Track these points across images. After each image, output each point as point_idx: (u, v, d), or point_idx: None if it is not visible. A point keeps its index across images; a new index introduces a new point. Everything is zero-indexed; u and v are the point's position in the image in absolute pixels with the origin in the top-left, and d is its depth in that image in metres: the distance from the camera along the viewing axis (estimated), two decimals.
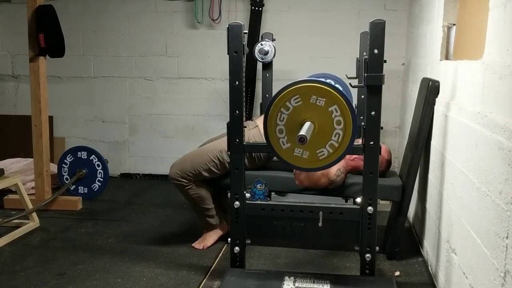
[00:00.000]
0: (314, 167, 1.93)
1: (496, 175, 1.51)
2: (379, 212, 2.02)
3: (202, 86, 4.31)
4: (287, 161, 1.90)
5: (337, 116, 1.82)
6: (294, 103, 1.83)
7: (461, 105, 2.02)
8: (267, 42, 3.24)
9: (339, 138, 1.85)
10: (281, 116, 1.85)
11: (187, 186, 2.74)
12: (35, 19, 3.32)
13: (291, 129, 1.85)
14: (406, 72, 3.88)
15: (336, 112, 1.82)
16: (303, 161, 1.90)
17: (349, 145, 1.85)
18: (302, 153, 1.88)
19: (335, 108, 1.82)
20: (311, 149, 1.86)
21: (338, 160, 1.90)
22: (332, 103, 1.81)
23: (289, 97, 1.83)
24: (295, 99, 1.83)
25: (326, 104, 1.82)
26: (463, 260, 1.88)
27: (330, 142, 1.85)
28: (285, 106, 1.84)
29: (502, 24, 1.52)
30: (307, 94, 1.82)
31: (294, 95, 1.83)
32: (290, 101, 1.83)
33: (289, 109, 1.84)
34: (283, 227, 2.12)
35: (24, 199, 3.19)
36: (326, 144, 1.86)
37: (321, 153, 1.87)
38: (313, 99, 1.82)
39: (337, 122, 1.83)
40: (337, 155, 1.87)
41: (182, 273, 2.53)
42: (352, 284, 1.94)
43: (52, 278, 2.47)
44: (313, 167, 1.93)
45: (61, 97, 4.45)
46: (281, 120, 1.85)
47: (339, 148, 1.86)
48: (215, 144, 2.78)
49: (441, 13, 2.56)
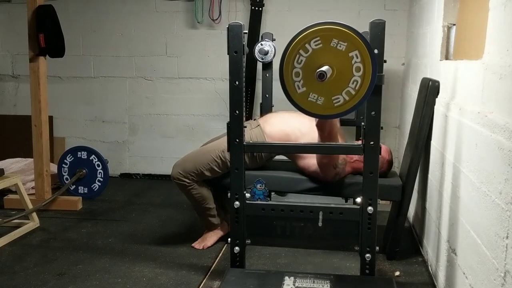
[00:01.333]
0: (328, 114, 1.84)
1: (496, 175, 1.51)
2: (379, 212, 2.02)
3: (202, 86, 4.31)
4: (300, 106, 1.81)
5: (357, 62, 1.74)
6: (314, 45, 1.73)
7: (461, 105, 2.02)
8: (267, 42, 3.25)
9: (356, 86, 1.76)
10: (299, 58, 1.75)
11: (190, 185, 2.74)
12: (35, 19, 3.32)
13: (308, 73, 1.76)
14: (406, 72, 3.88)
15: (356, 58, 1.73)
16: (317, 107, 1.80)
17: (366, 93, 1.76)
18: (317, 98, 1.79)
19: (356, 54, 1.72)
20: (327, 95, 1.78)
21: (353, 109, 1.81)
22: (354, 48, 1.72)
23: (309, 39, 1.73)
24: (315, 41, 1.73)
25: (347, 49, 1.72)
26: (463, 260, 1.89)
27: (347, 89, 1.76)
28: (304, 48, 1.74)
29: (502, 24, 1.52)
30: (328, 37, 1.72)
31: (315, 37, 1.73)
32: (310, 43, 1.73)
33: (308, 52, 1.74)
34: (283, 227, 2.12)
35: (24, 199, 3.19)
36: (342, 91, 1.77)
37: (336, 100, 1.78)
38: (334, 43, 1.72)
39: (357, 68, 1.74)
40: (353, 103, 1.78)
41: (182, 273, 2.53)
42: (352, 284, 1.94)
43: (52, 278, 2.47)
44: (326, 114, 1.84)
45: (61, 97, 4.45)
46: (298, 62, 1.76)
47: (355, 96, 1.77)
48: (217, 143, 2.78)
49: (441, 13, 2.56)
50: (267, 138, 2.71)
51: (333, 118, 2.02)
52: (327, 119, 2.07)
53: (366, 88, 1.76)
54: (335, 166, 2.49)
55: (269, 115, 3.02)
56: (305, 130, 2.64)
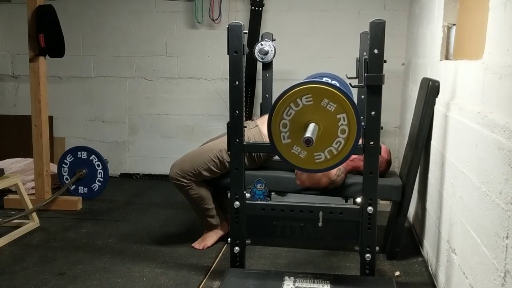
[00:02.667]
0: (308, 168, 1.94)
1: (496, 175, 1.51)
2: (379, 212, 2.02)
3: (202, 86, 4.31)
4: (283, 156, 1.90)
5: (343, 125, 1.83)
6: (305, 101, 1.83)
7: (461, 105, 2.02)
8: (267, 42, 3.25)
9: (339, 146, 1.85)
10: (288, 111, 1.84)
11: (188, 186, 2.74)
12: (35, 19, 3.32)
13: (295, 126, 1.85)
14: (406, 72, 3.88)
15: (343, 120, 1.83)
16: (299, 160, 1.90)
17: (347, 155, 1.86)
18: (300, 152, 1.88)
19: (344, 116, 1.82)
20: (310, 150, 1.87)
21: (332, 168, 1.91)
22: (342, 111, 1.82)
23: (301, 94, 1.82)
24: (307, 97, 1.82)
25: (336, 111, 1.82)
26: (463, 260, 1.88)
27: (330, 148, 1.86)
28: (295, 102, 1.83)
29: (502, 24, 1.52)
30: (320, 96, 1.82)
31: (307, 93, 1.82)
32: (301, 98, 1.82)
33: (298, 106, 1.83)
34: (283, 227, 2.12)
35: (24, 199, 3.19)
36: (325, 149, 1.86)
37: (318, 157, 1.88)
38: (325, 103, 1.82)
39: (342, 130, 1.84)
40: (333, 162, 1.88)
41: (182, 273, 2.53)
42: (352, 284, 1.94)
43: (52, 278, 2.47)
44: (307, 168, 1.94)
45: (61, 97, 4.45)
46: (288, 115, 1.85)
47: (336, 156, 1.87)
48: (215, 143, 2.78)
49: (441, 13, 2.56)
50: (265, 138, 2.71)
51: (312, 172, 2.09)
52: (308, 172, 2.13)
53: (348, 151, 1.86)
54: (331, 182, 2.52)
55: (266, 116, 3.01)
56: None
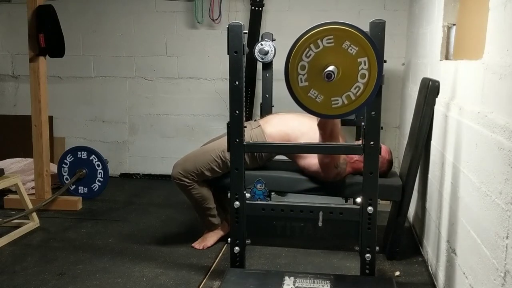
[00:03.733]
0: (323, 113, 1.85)
1: (496, 175, 1.51)
2: (379, 212, 2.02)
3: (202, 86, 4.30)
4: (299, 99, 1.81)
5: (363, 69, 1.74)
6: (326, 42, 1.73)
7: (461, 105, 2.02)
8: (267, 42, 3.24)
9: (358, 91, 1.76)
10: (308, 52, 1.75)
11: (190, 185, 2.74)
12: (35, 19, 3.31)
13: (313, 68, 1.75)
14: (406, 72, 3.88)
15: (364, 64, 1.74)
16: (315, 104, 1.81)
17: (366, 101, 1.77)
18: (317, 96, 1.79)
19: (365, 60, 1.73)
20: (327, 94, 1.78)
21: (349, 113, 1.82)
22: (364, 54, 1.73)
23: (322, 35, 1.72)
24: (328, 39, 1.72)
25: (357, 54, 1.73)
26: (463, 260, 1.89)
27: (348, 93, 1.77)
28: (315, 43, 1.73)
29: (502, 24, 1.52)
30: (342, 38, 1.72)
31: (329, 34, 1.72)
32: (322, 39, 1.73)
33: (318, 48, 1.74)
34: (283, 227, 2.12)
35: (24, 199, 3.18)
36: (343, 94, 1.77)
37: (335, 102, 1.79)
38: (346, 45, 1.72)
39: (362, 75, 1.74)
40: (351, 107, 1.79)
41: (182, 273, 2.53)
42: (352, 284, 1.94)
43: (52, 278, 2.47)
44: (322, 113, 1.85)
45: (61, 97, 4.45)
46: (307, 56, 1.75)
47: (355, 101, 1.78)
48: (218, 143, 2.77)
49: (441, 13, 2.56)
50: (268, 138, 2.72)
51: (329, 118, 2.03)
52: (323, 118, 2.07)
53: (367, 96, 1.77)
54: (336, 166, 2.49)
55: (269, 116, 3.02)
56: (304, 130, 2.64)
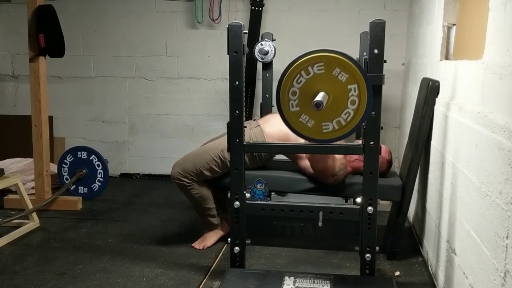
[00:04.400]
0: (314, 138, 1.90)
1: (496, 175, 1.51)
2: (379, 212, 2.02)
3: (202, 86, 4.31)
4: (290, 124, 1.86)
5: (353, 95, 1.79)
6: (316, 69, 1.79)
7: (461, 105, 2.02)
8: (267, 42, 3.24)
9: (348, 117, 1.82)
10: (299, 78, 1.81)
11: (189, 185, 2.74)
12: (35, 19, 3.32)
13: (304, 94, 1.81)
14: (406, 72, 3.88)
15: (354, 91, 1.79)
16: (306, 129, 1.86)
17: (356, 126, 1.82)
18: (307, 120, 1.85)
19: (355, 87, 1.78)
20: (318, 120, 1.83)
21: (340, 138, 1.87)
22: (354, 81, 1.78)
23: (313, 62, 1.79)
24: (318, 66, 1.79)
25: (347, 81, 1.78)
26: (463, 260, 1.88)
27: (338, 118, 1.83)
28: (306, 70, 1.80)
29: (502, 24, 1.52)
30: (332, 65, 1.78)
31: (319, 62, 1.79)
32: (313, 66, 1.79)
33: (309, 74, 1.80)
34: (283, 227, 2.12)
35: (24, 199, 3.18)
36: (334, 119, 1.83)
37: (326, 127, 1.84)
38: (336, 72, 1.78)
39: (352, 101, 1.80)
40: (341, 132, 1.84)
41: (182, 273, 2.53)
42: (352, 284, 1.94)
43: (52, 278, 2.47)
44: (313, 137, 1.90)
45: (61, 97, 4.45)
46: (298, 82, 1.82)
47: (345, 127, 1.83)
48: (217, 143, 2.78)
49: (441, 13, 2.56)
50: (267, 138, 2.72)
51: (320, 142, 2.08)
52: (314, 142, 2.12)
53: (357, 122, 1.83)
54: (333, 174, 2.51)
55: (269, 116, 3.02)
56: None
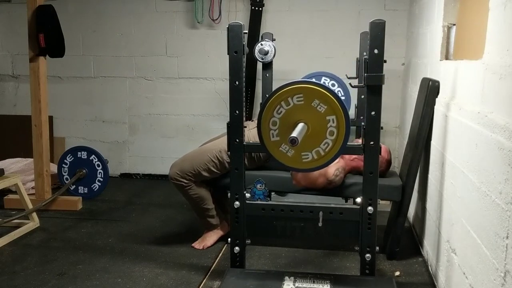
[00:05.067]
0: (294, 167, 1.96)
1: (496, 175, 1.51)
2: (379, 212, 2.02)
3: (202, 86, 4.31)
4: (271, 152, 1.91)
5: (332, 126, 1.85)
6: (296, 100, 1.84)
7: (461, 105, 2.02)
8: (267, 42, 3.24)
9: (327, 148, 1.87)
10: (279, 109, 1.86)
11: (187, 186, 2.74)
12: (35, 19, 3.32)
13: (284, 124, 1.86)
14: (406, 72, 3.88)
15: (332, 122, 1.84)
16: (286, 158, 1.91)
17: (334, 157, 1.88)
18: (287, 150, 1.89)
19: (333, 118, 1.84)
20: (298, 149, 1.88)
21: (319, 168, 1.93)
22: (332, 113, 1.83)
23: (293, 93, 1.83)
24: (298, 97, 1.84)
25: (326, 112, 1.83)
26: (463, 260, 1.88)
27: (317, 148, 1.88)
28: (286, 101, 1.85)
29: (502, 24, 1.52)
30: (311, 96, 1.83)
31: (298, 93, 1.83)
32: (292, 97, 1.84)
33: (289, 105, 1.85)
34: (283, 227, 2.12)
35: (24, 199, 3.19)
36: (313, 149, 1.88)
37: (305, 156, 1.89)
38: (315, 103, 1.83)
39: (330, 132, 1.85)
40: (320, 162, 1.90)
41: (182, 273, 2.53)
42: (352, 284, 1.94)
43: (52, 278, 2.47)
44: (293, 166, 1.95)
45: (61, 97, 4.45)
46: (278, 113, 1.87)
47: (324, 157, 1.89)
48: (215, 144, 2.78)
49: (441, 13, 2.56)
50: None
51: (298, 171, 2.09)
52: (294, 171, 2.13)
53: (336, 152, 1.87)
54: (329, 182, 2.51)
55: None
56: None
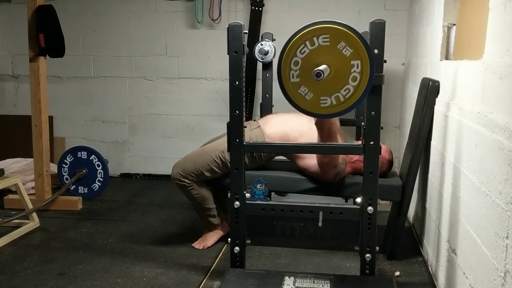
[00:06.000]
0: (311, 111, 1.85)
1: (496, 175, 1.51)
2: (379, 212, 2.02)
3: (202, 86, 4.31)
4: (289, 94, 1.81)
5: (356, 72, 1.74)
6: (322, 41, 1.73)
7: (461, 105, 2.02)
8: (267, 42, 3.24)
9: (347, 94, 1.76)
10: (303, 49, 1.75)
11: (189, 186, 2.74)
12: (35, 19, 3.32)
13: (306, 65, 1.75)
14: (406, 72, 3.88)
15: (356, 67, 1.73)
16: (304, 102, 1.81)
17: (354, 103, 1.77)
18: (306, 93, 1.79)
19: (358, 63, 1.73)
20: (317, 93, 1.78)
21: (337, 115, 1.83)
22: (357, 57, 1.72)
23: (319, 33, 1.73)
24: (324, 37, 1.72)
25: (351, 56, 1.72)
26: (463, 260, 1.89)
27: (337, 94, 1.77)
28: (311, 40, 1.73)
29: (502, 24, 1.52)
30: (338, 38, 1.72)
31: (325, 33, 1.72)
32: (318, 37, 1.73)
33: (313, 45, 1.74)
34: (283, 227, 2.12)
35: (24, 199, 3.18)
36: (333, 94, 1.77)
37: (324, 101, 1.79)
38: (341, 46, 1.72)
39: (353, 78, 1.74)
40: (338, 109, 1.79)
41: (182, 273, 2.53)
42: (352, 284, 1.94)
43: (52, 278, 2.47)
44: (310, 111, 1.85)
45: (61, 97, 4.45)
46: (301, 52, 1.75)
47: (343, 103, 1.78)
48: (217, 144, 2.78)
49: (441, 13, 2.56)
50: (267, 139, 2.71)
51: (316, 117, 2.04)
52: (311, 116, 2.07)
53: (356, 99, 1.77)
54: (335, 165, 2.49)
55: (269, 116, 3.02)
56: (303, 130, 2.64)
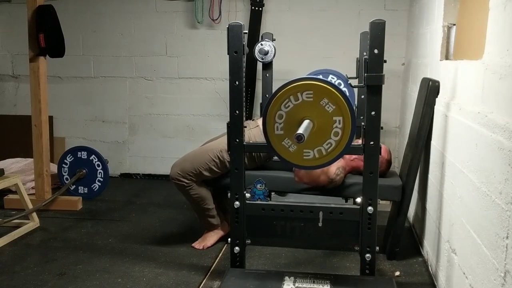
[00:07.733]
0: (294, 163, 1.95)
1: (496, 175, 1.51)
2: (379, 212, 2.02)
3: (202, 86, 4.31)
4: (273, 146, 1.91)
5: (337, 127, 1.85)
6: (305, 97, 1.84)
7: (461, 105, 2.02)
8: (267, 42, 3.24)
9: (329, 148, 1.87)
10: (287, 103, 1.85)
11: (188, 186, 2.74)
12: (35, 19, 3.32)
13: (290, 120, 1.86)
14: (406, 72, 3.88)
15: (338, 123, 1.84)
16: (288, 153, 1.91)
17: (336, 157, 1.88)
18: (290, 145, 1.89)
19: (340, 119, 1.84)
20: (300, 146, 1.88)
21: (318, 167, 1.93)
22: (340, 114, 1.83)
23: (303, 89, 1.83)
24: (307, 93, 1.83)
25: (334, 112, 1.83)
26: (463, 260, 1.89)
27: (320, 147, 1.88)
28: (295, 95, 1.84)
29: (502, 24, 1.52)
30: (321, 94, 1.82)
31: (309, 90, 1.83)
32: (302, 93, 1.83)
33: (297, 100, 1.85)
34: (283, 227, 2.12)
35: (24, 199, 3.18)
36: (315, 148, 1.88)
37: (307, 154, 1.89)
38: (324, 102, 1.83)
39: (335, 133, 1.85)
40: (321, 161, 1.90)
41: (182, 273, 2.53)
42: (352, 284, 1.94)
43: (52, 278, 2.47)
44: (293, 162, 1.94)
45: (61, 97, 4.45)
46: (286, 107, 1.86)
47: (325, 156, 1.89)
48: (216, 143, 2.78)
49: (441, 13, 2.56)
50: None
51: (298, 168, 2.08)
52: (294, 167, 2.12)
53: (338, 153, 1.87)
54: (331, 181, 2.51)
55: None
56: None
